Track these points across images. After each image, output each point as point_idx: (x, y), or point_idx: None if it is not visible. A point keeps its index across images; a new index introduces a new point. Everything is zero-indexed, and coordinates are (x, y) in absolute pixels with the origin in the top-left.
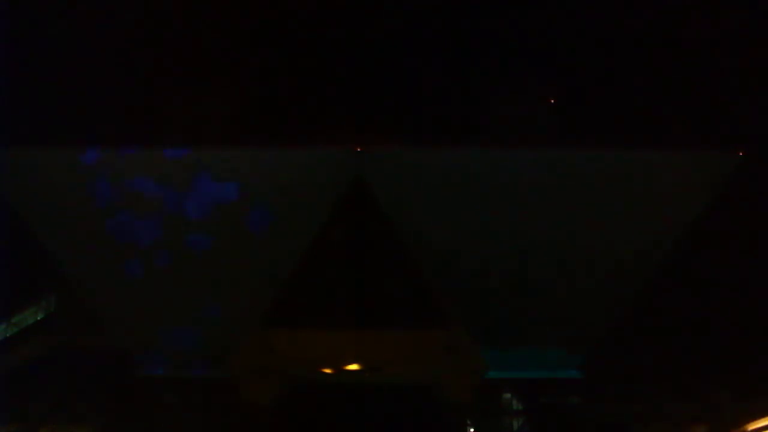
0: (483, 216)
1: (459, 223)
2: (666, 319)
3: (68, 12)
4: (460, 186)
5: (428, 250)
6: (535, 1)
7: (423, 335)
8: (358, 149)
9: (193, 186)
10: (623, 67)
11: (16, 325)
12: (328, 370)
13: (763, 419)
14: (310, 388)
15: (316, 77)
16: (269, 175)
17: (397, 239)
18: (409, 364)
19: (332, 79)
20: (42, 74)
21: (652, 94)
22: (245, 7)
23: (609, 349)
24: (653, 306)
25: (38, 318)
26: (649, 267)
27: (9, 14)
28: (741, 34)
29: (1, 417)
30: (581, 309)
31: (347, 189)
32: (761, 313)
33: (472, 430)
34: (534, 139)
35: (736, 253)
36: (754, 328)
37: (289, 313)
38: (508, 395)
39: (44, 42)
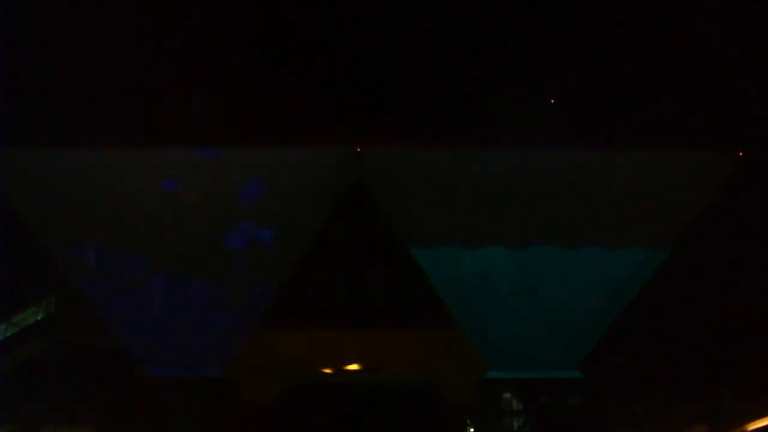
0: (483, 216)
1: (459, 223)
2: (666, 319)
3: (68, 11)
4: (460, 186)
5: (428, 250)
6: (534, 2)
7: (423, 335)
8: (358, 149)
9: (192, 186)
10: (623, 67)
11: (16, 325)
12: (328, 370)
13: (763, 419)
14: (310, 388)
15: (315, 77)
16: (269, 175)
17: (397, 239)
18: (409, 364)
19: (332, 79)
20: (42, 74)
21: (652, 94)
22: (244, 7)
23: (609, 349)
24: (653, 306)
25: (38, 318)
26: (649, 267)
27: (9, 14)
28: (741, 34)
29: (1, 417)
30: (581, 309)
31: (347, 190)
32: (762, 313)
33: (472, 430)
34: (534, 139)
35: (736, 253)
36: (754, 328)
37: (289, 313)
38: (508, 395)
39: (44, 42)
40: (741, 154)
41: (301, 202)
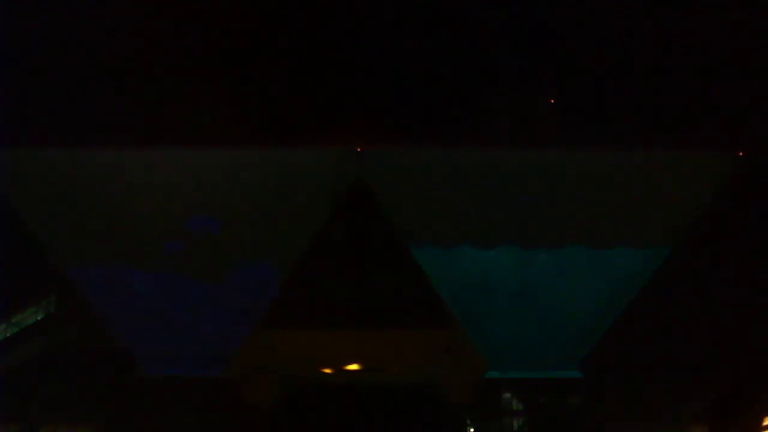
0: (483, 216)
1: (459, 223)
2: (666, 319)
3: (68, 12)
4: (460, 186)
5: (428, 250)
6: (534, 2)
7: (423, 335)
8: (358, 149)
9: (192, 186)
10: (623, 67)
11: (16, 325)
12: (328, 370)
13: (763, 419)
14: (310, 388)
15: (315, 77)
16: (269, 175)
17: (397, 239)
18: (409, 364)
19: (332, 79)
20: (42, 74)
21: (652, 94)
22: (244, 7)
23: (609, 349)
24: (653, 306)
25: (38, 318)
26: (649, 267)
27: (9, 14)
28: (741, 34)
29: (1, 417)
30: (581, 309)
31: (347, 189)
32: (761, 313)
33: (472, 430)
34: (534, 139)
35: (736, 253)
36: (754, 328)
37: (289, 313)
38: (508, 395)
39: (44, 42)
40: (741, 154)
41: (301, 202)
